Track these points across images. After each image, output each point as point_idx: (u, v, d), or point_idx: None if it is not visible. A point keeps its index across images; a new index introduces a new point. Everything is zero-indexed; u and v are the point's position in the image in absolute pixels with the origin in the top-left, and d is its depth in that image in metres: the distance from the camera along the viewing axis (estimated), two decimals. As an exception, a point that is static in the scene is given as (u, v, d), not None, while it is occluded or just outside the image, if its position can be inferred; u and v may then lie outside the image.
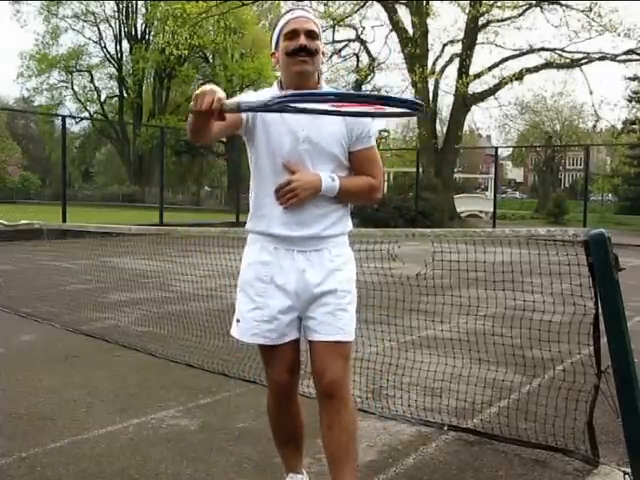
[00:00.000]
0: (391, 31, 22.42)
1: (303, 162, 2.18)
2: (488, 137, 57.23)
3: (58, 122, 23.40)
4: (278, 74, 2.31)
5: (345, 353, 2.22)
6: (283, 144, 2.16)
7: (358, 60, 27.73)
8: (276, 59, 2.24)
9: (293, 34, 2.15)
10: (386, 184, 23.91)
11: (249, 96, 2.25)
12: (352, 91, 1.79)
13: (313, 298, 2.18)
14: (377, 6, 22.88)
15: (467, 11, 21.00)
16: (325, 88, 2.27)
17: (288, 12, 2.25)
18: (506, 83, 21.93)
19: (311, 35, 2.16)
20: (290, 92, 1.90)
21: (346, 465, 2.17)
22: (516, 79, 21.51)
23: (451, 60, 23.09)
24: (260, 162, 2.22)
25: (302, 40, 2.13)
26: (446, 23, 74.64)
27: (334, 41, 25.29)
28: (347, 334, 2.20)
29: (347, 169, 2.26)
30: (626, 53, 21.18)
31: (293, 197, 2.12)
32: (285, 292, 2.18)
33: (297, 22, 2.17)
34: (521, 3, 21.06)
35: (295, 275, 2.18)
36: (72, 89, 39.60)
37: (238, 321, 2.25)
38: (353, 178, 2.25)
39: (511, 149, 46.80)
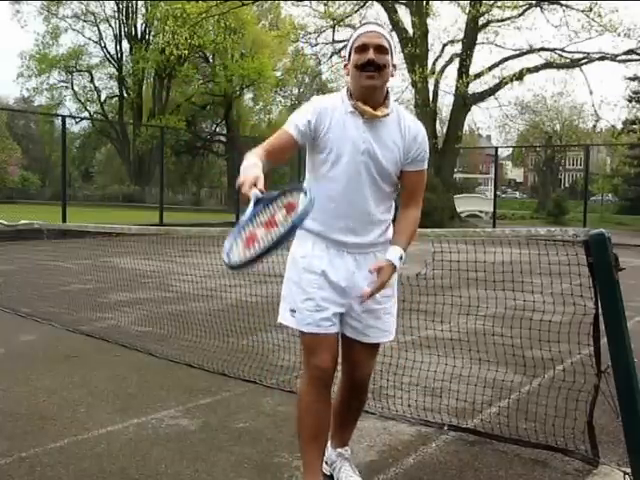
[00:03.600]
0: (391, 31, 22.30)
1: (359, 173, 2.25)
2: (488, 137, 57.17)
3: (58, 122, 23.42)
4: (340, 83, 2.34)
5: (378, 350, 2.50)
6: (343, 153, 2.23)
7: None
8: (347, 71, 2.29)
9: (363, 48, 2.21)
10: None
11: (319, 101, 2.30)
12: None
13: (360, 299, 2.29)
14: (377, 6, 22.85)
15: (467, 11, 20.98)
16: (392, 105, 2.31)
17: (362, 25, 2.31)
18: (506, 83, 21.89)
19: (380, 50, 2.21)
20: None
21: (354, 424, 2.65)
22: (516, 79, 21.48)
23: (451, 60, 23.04)
24: (319, 167, 2.30)
25: (371, 54, 2.19)
26: (446, 23, 74.83)
27: (334, 41, 25.22)
28: (390, 334, 2.44)
29: (395, 184, 2.36)
30: (626, 53, 21.13)
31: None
32: (334, 287, 2.30)
33: (367, 36, 2.23)
34: (521, 3, 21.01)
35: (345, 274, 2.31)
36: (72, 89, 39.55)
37: (293, 311, 2.33)
38: (406, 230, 2.33)
39: (511, 149, 46.79)
